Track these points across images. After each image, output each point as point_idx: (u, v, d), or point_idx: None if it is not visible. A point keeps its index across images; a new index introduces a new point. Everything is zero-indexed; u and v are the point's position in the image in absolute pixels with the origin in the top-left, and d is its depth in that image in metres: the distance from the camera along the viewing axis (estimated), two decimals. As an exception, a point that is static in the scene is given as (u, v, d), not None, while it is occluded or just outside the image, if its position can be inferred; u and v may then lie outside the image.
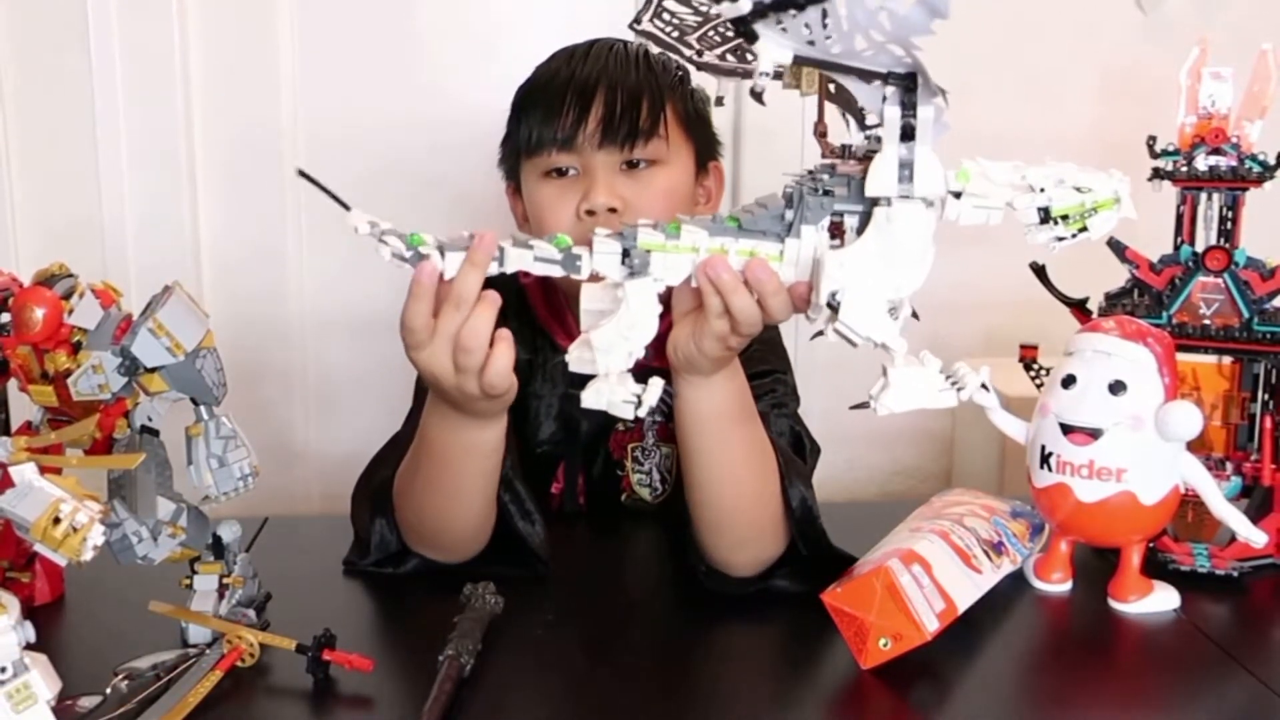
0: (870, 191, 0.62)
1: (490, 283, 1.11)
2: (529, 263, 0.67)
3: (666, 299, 0.70)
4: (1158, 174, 0.94)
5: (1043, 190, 0.63)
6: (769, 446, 0.84)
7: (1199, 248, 0.93)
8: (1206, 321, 0.92)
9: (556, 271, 0.67)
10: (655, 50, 0.68)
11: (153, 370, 0.71)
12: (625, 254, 0.66)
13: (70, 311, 0.71)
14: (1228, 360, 0.94)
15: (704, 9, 0.66)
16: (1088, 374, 0.82)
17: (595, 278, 0.68)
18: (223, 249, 1.57)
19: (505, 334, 0.73)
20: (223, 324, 0.75)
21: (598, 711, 0.69)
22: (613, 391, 0.66)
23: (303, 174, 0.66)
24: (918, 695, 0.72)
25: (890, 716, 0.71)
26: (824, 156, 0.67)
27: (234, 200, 1.56)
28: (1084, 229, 0.64)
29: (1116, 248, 0.95)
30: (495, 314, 0.72)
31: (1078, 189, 0.63)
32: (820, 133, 0.67)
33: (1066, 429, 0.82)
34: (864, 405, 0.66)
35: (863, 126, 0.66)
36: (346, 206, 0.64)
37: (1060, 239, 0.64)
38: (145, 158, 1.50)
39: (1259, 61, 0.93)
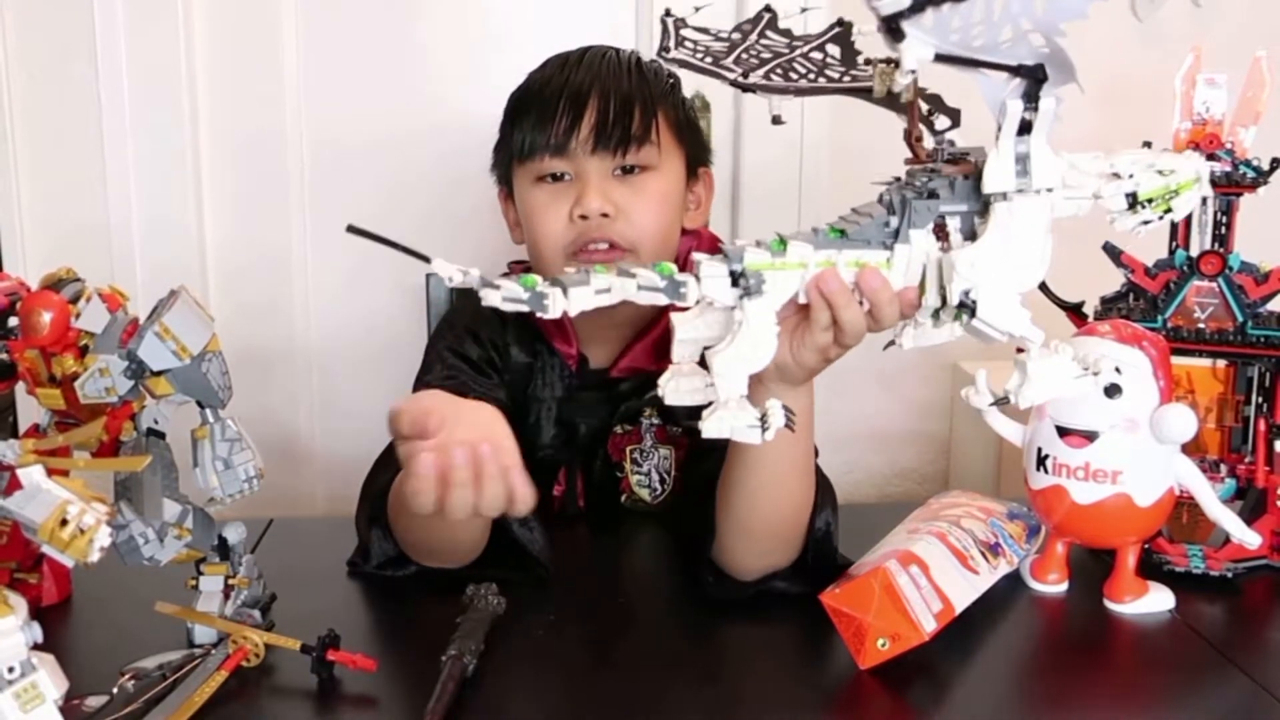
0: (988, 188, 0.61)
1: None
2: (632, 292, 0.62)
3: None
4: (1153, 179, 0.95)
5: (1131, 176, 0.63)
6: (813, 463, 0.84)
7: (1194, 252, 0.94)
8: (1201, 325, 0.93)
9: (661, 300, 0.62)
10: (692, 73, 0.66)
11: (159, 373, 0.71)
12: (733, 276, 0.63)
13: (77, 315, 0.71)
14: (1222, 363, 0.94)
15: (725, 35, 0.65)
16: (1083, 377, 0.83)
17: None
18: (228, 254, 1.57)
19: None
20: (228, 328, 0.76)
21: (599, 711, 0.70)
22: (735, 418, 0.63)
23: (354, 229, 0.60)
24: (915, 695, 0.72)
25: (888, 716, 0.72)
26: (916, 160, 0.66)
27: (239, 206, 1.57)
28: (1169, 210, 0.64)
29: (1112, 252, 0.95)
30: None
31: (1160, 172, 0.63)
32: (916, 138, 0.65)
33: (1063, 431, 0.83)
34: (1004, 401, 0.66)
35: (934, 132, 0.65)
36: (426, 258, 0.58)
37: (1146, 222, 0.64)
38: (151, 163, 1.51)
39: (1253, 68, 0.94)
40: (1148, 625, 0.83)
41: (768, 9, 0.66)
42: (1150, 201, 0.63)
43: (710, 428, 0.63)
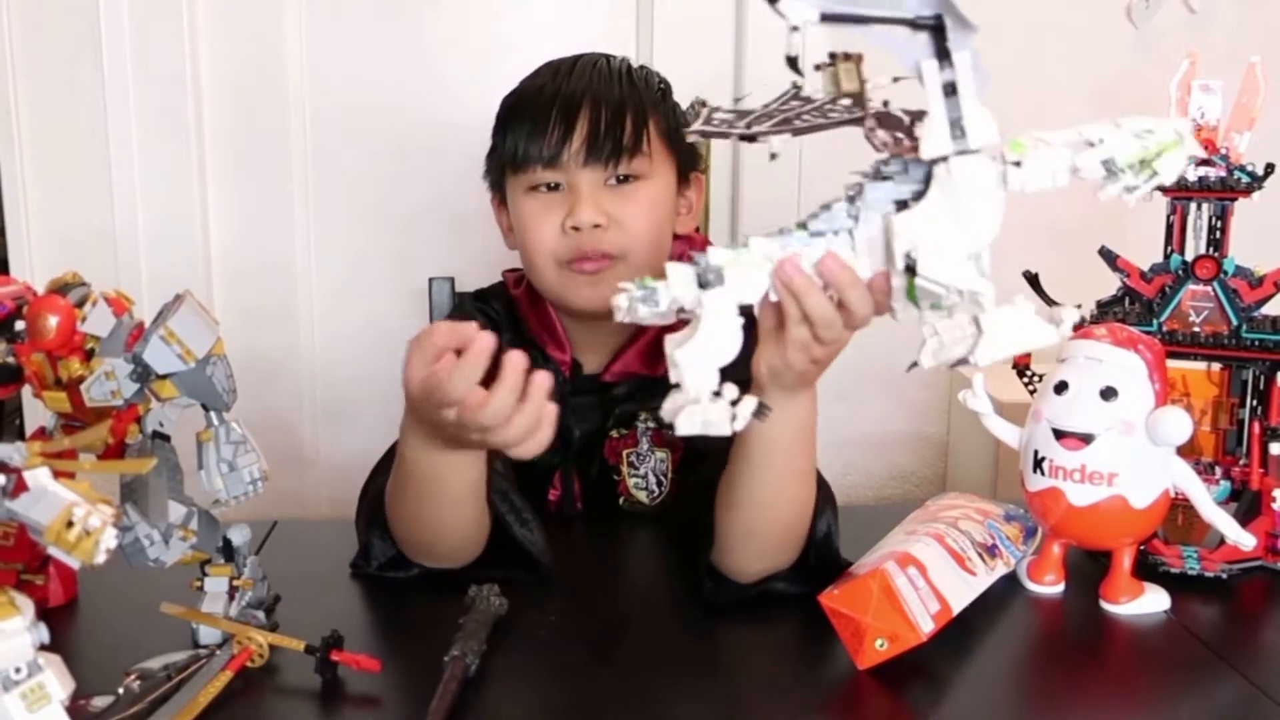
0: (926, 155, 0.60)
1: (482, 293, 1.13)
2: (624, 308, 0.64)
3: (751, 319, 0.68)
4: (1148, 184, 0.96)
5: (1101, 141, 0.61)
6: (815, 468, 0.84)
7: (1189, 256, 0.94)
8: (1196, 329, 0.94)
9: (643, 311, 0.64)
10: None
11: (164, 377, 0.72)
12: (700, 278, 0.63)
13: (83, 319, 0.72)
14: (1217, 367, 0.95)
15: (748, 110, 0.65)
16: (1080, 380, 0.83)
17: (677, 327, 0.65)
18: (233, 259, 1.58)
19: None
20: (232, 332, 0.77)
21: (600, 710, 0.70)
22: (705, 412, 0.62)
23: None
24: (913, 695, 0.73)
25: (886, 716, 0.72)
26: (877, 153, 0.64)
27: (244, 211, 1.58)
28: (1154, 174, 0.61)
29: (1108, 256, 0.96)
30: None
31: (1137, 135, 0.61)
32: (870, 129, 0.63)
33: (1059, 434, 0.83)
34: (964, 362, 0.64)
35: (913, 139, 0.63)
36: None
37: (1132, 189, 0.62)
38: (157, 169, 1.52)
39: (1247, 74, 0.94)
40: (1143, 626, 0.83)
41: (795, 85, 0.67)
42: (1131, 167, 0.61)
43: (683, 425, 0.62)
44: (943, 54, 0.57)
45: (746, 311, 0.66)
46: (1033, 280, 0.98)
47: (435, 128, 1.57)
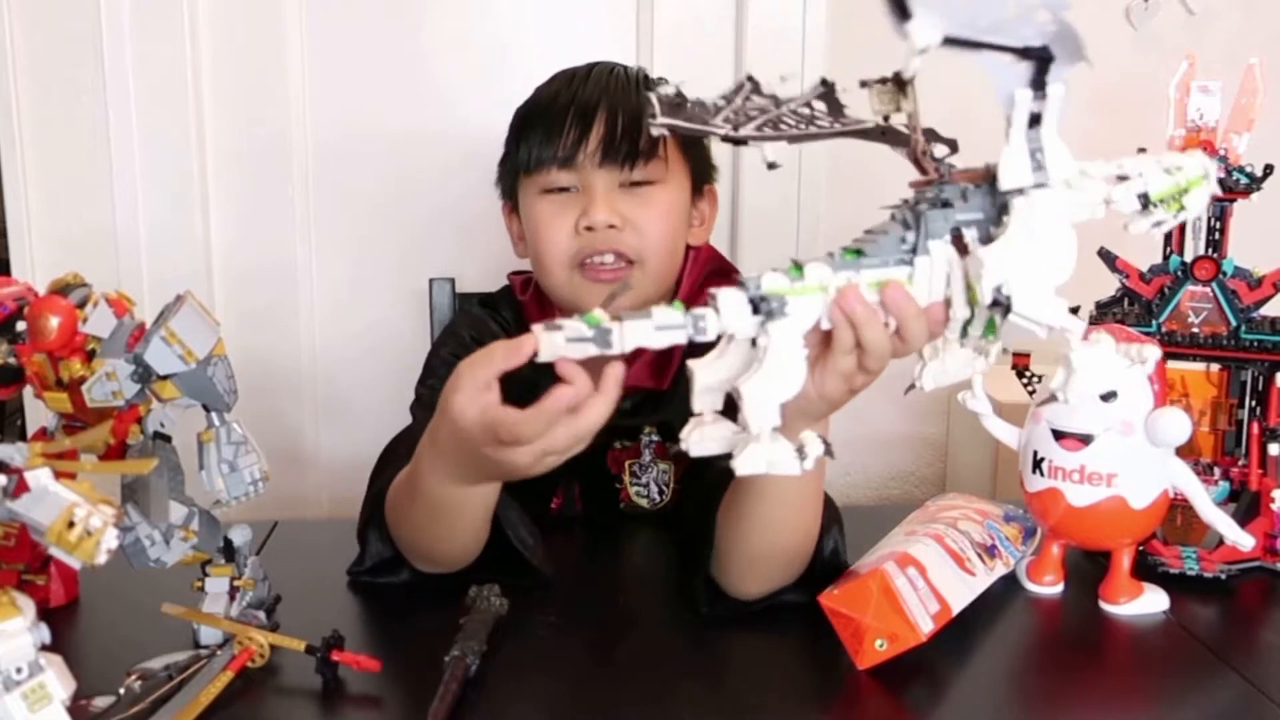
0: (1005, 185, 0.59)
1: (489, 300, 1.12)
2: (649, 335, 0.59)
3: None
4: (1147, 185, 0.96)
5: (1140, 175, 0.62)
6: (823, 491, 0.83)
7: (1188, 257, 0.94)
8: (1195, 330, 0.94)
9: (681, 338, 0.59)
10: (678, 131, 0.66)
11: (165, 377, 0.72)
12: (753, 304, 0.60)
13: (84, 320, 0.72)
14: (1216, 368, 0.95)
15: (711, 103, 0.63)
16: (1079, 381, 0.83)
17: (701, 351, 0.62)
18: (234, 259, 1.58)
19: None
20: (233, 333, 0.77)
21: (600, 711, 0.71)
22: (770, 451, 0.60)
23: None
24: (913, 695, 0.73)
25: (886, 716, 0.72)
26: (923, 173, 0.64)
27: (245, 212, 1.58)
28: (1182, 208, 0.63)
29: (1107, 257, 0.96)
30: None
31: (1167, 170, 0.62)
32: (922, 151, 0.63)
33: (1058, 435, 0.84)
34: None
35: (933, 159, 0.63)
36: None
37: (1159, 223, 0.63)
38: (158, 170, 1.52)
39: (1246, 75, 0.94)
40: (1142, 626, 0.83)
41: (749, 78, 0.66)
42: (1163, 201, 0.62)
43: (744, 464, 0.60)
44: (1038, 84, 0.57)
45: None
46: (1032, 281, 0.98)
47: (436, 128, 1.57)
